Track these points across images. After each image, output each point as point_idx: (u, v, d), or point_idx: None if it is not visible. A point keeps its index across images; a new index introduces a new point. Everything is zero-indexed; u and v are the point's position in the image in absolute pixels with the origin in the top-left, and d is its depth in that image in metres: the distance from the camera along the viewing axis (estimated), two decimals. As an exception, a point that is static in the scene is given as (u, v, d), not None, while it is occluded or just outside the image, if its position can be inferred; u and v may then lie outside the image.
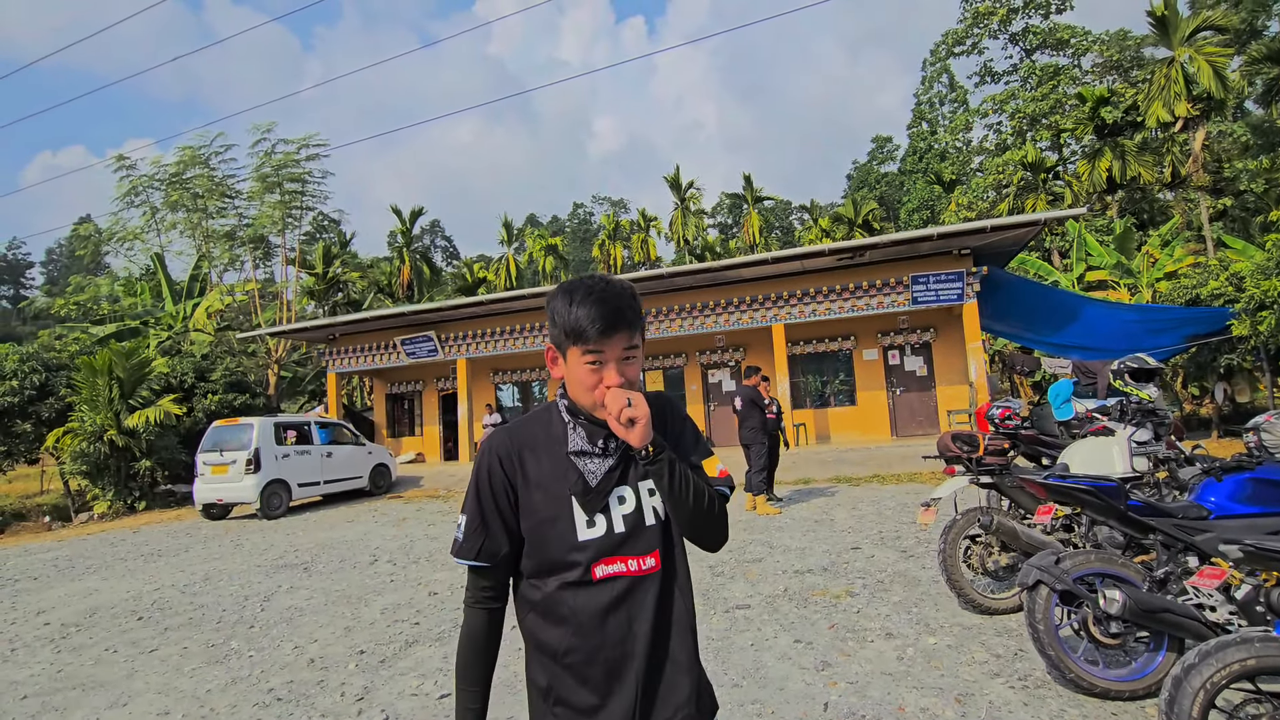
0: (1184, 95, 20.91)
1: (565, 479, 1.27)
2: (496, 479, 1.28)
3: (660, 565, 1.28)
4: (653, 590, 1.26)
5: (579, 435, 1.29)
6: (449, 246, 63.62)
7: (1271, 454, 3.17)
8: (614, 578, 1.24)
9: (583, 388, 1.25)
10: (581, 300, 1.21)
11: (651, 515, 1.29)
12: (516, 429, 1.34)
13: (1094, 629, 3.15)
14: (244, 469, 11.02)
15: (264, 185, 21.79)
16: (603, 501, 1.26)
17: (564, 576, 1.24)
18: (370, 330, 17.37)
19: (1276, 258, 10.29)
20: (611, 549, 1.25)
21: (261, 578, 7.01)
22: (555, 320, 1.25)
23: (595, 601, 1.23)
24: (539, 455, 1.29)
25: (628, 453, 1.29)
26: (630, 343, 1.24)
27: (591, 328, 1.20)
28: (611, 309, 1.21)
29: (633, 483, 1.30)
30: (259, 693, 3.99)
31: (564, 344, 1.25)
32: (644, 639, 1.24)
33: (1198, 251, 21.42)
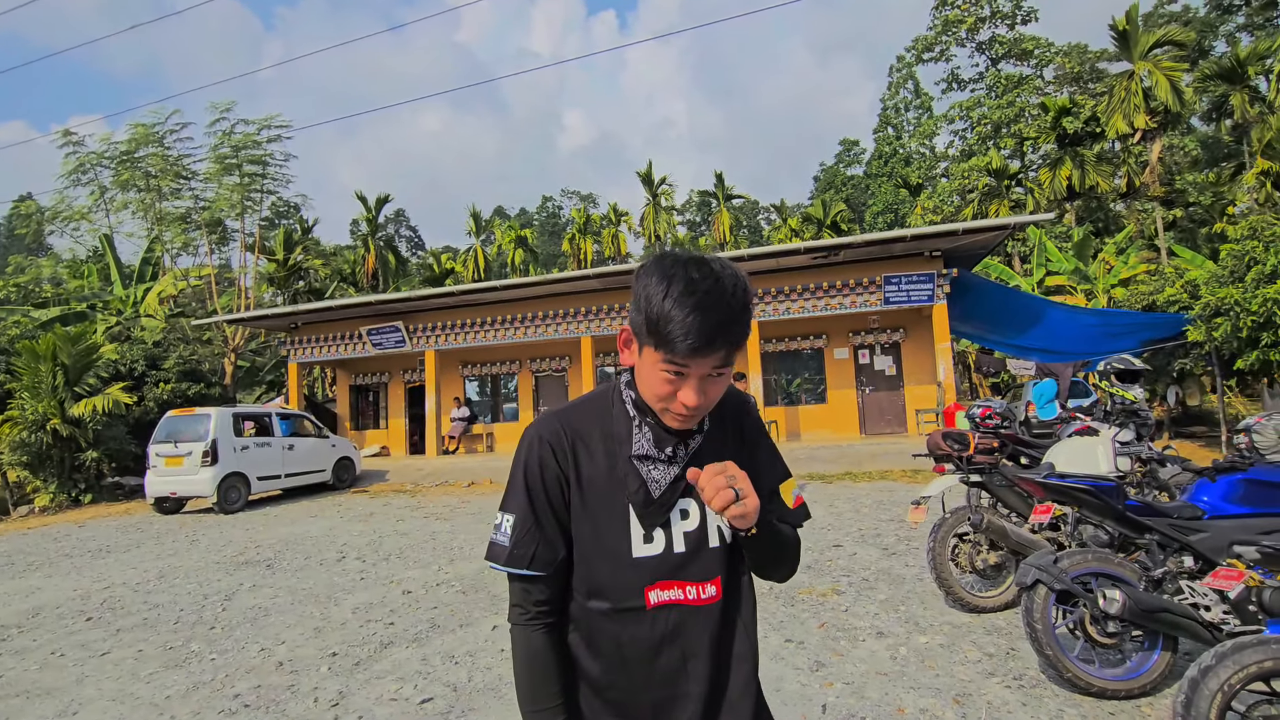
0: (1143, 107, 21.66)
1: (623, 485, 1.09)
2: (550, 473, 1.09)
3: (721, 595, 1.11)
4: (712, 623, 1.10)
5: (645, 437, 1.09)
6: (414, 236, 62.37)
7: (1262, 455, 3.21)
8: (669, 605, 1.08)
9: (652, 390, 1.05)
10: (679, 299, 0.96)
11: (716, 536, 1.12)
12: (569, 416, 1.14)
13: (1091, 628, 3.15)
14: (200, 461, 10.54)
15: (222, 167, 20.91)
16: (664, 515, 1.09)
17: (612, 601, 1.08)
18: (334, 319, 16.85)
19: (1231, 266, 10.67)
20: (669, 571, 1.08)
21: (221, 575, 6.68)
22: (640, 306, 1.01)
23: (646, 633, 1.07)
24: (594, 452, 1.11)
25: (697, 456, 1.11)
26: (724, 362, 1.01)
27: (681, 341, 0.96)
28: (713, 323, 0.95)
29: (698, 496, 1.10)
30: (224, 699, 3.76)
31: (643, 337, 1.02)
32: (699, 680, 1.08)
33: (1151, 260, 22.26)
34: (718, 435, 1.16)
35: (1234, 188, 25.66)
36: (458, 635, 4.53)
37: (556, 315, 15.34)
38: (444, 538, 7.94)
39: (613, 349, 16.53)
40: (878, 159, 49.95)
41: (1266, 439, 3.26)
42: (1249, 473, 3.21)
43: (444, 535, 8.10)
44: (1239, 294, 9.66)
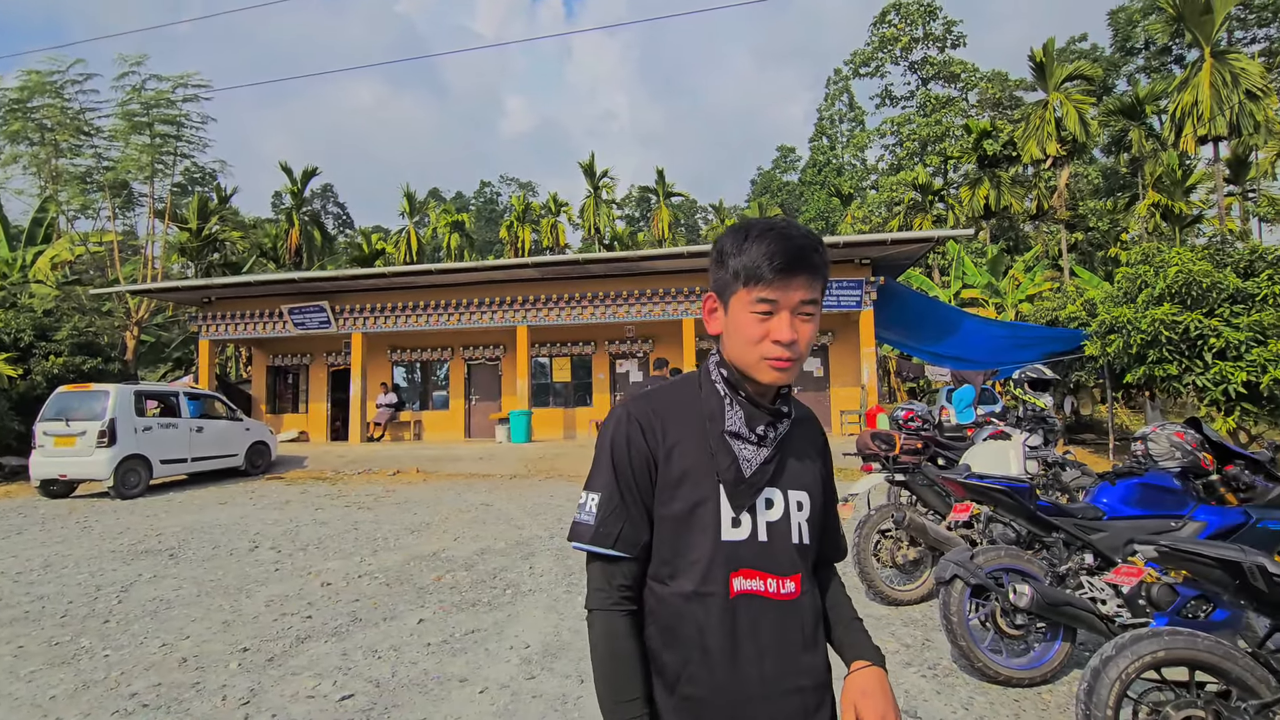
0: (1054, 136, 23.20)
1: (716, 462, 1.07)
2: (638, 452, 1.07)
3: (800, 593, 1.09)
4: (790, 620, 1.07)
5: (737, 414, 1.08)
6: (343, 214, 59.64)
7: (1156, 461, 3.50)
8: (752, 596, 1.05)
9: (745, 340, 1.05)
10: (759, 236, 1.03)
11: (796, 533, 1.10)
12: (660, 396, 1.13)
13: (1001, 621, 3.36)
14: (96, 441, 9.72)
15: (130, 125, 19.31)
16: (753, 497, 1.07)
17: (697, 583, 1.05)
18: (253, 295, 15.90)
19: (1125, 288, 11.59)
20: (753, 559, 1.06)
21: (117, 565, 6.20)
22: (723, 260, 1.06)
23: (728, 623, 1.04)
24: (685, 429, 1.09)
25: (781, 447, 1.11)
26: (810, 295, 1.04)
27: (768, 264, 1.01)
28: (795, 248, 1.02)
29: (783, 487, 1.11)
30: (118, 698, 3.48)
31: (730, 287, 1.06)
32: (776, 683, 1.04)
33: (1055, 278, 23.93)
34: (801, 434, 1.17)
35: (1128, 216, 27.92)
36: (381, 629, 4.37)
37: (493, 303, 15.03)
38: (367, 528, 7.65)
39: (549, 340, 16.36)
40: (812, 167, 51.49)
41: (1160, 447, 3.56)
42: (1144, 477, 3.50)
43: (367, 525, 7.80)
44: (1131, 314, 10.50)
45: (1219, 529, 3.23)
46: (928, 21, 36.49)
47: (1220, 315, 9.96)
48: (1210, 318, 9.98)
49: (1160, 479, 3.43)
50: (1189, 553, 2.34)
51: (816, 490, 1.15)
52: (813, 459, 1.17)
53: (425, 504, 9.22)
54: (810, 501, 1.13)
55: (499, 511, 8.50)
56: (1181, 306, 10.21)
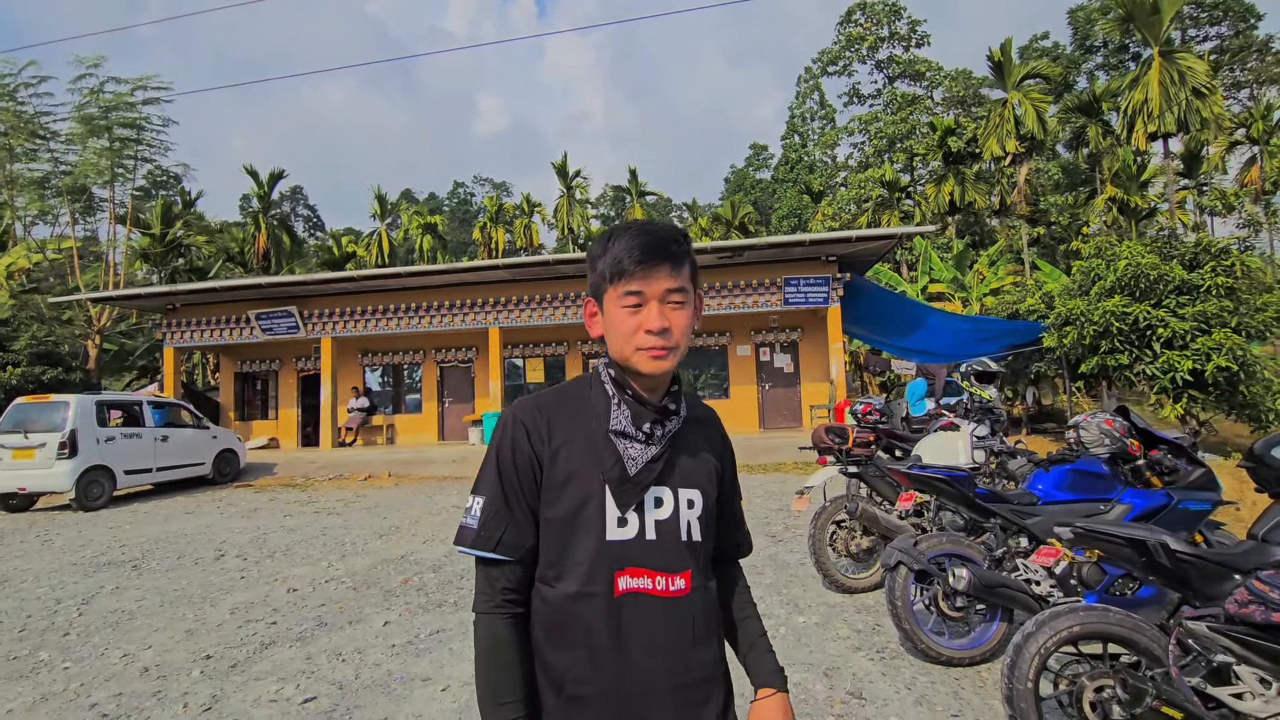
0: (1013, 133, 23.76)
1: (600, 462, 1.07)
2: (522, 454, 1.08)
3: (690, 590, 1.09)
4: (679, 618, 1.08)
5: (623, 414, 1.10)
6: (313, 216, 58.72)
7: (1087, 448, 3.68)
8: (639, 594, 1.06)
9: (621, 334, 1.08)
10: (621, 235, 1.09)
11: (686, 531, 1.11)
12: (548, 398, 1.15)
13: (942, 604, 3.52)
14: (56, 453, 9.53)
15: (89, 128, 18.89)
16: (639, 496, 1.08)
17: (581, 583, 1.05)
18: (219, 301, 15.64)
19: (1080, 281, 11.99)
20: (640, 558, 1.06)
21: (78, 578, 6.12)
22: (593, 264, 1.12)
23: (614, 622, 1.04)
24: (571, 429, 1.10)
25: (671, 445, 1.12)
26: (675, 283, 1.08)
27: (629, 258, 1.06)
28: (653, 240, 1.07)
29: (673, 486, 1.11)
30: (78, 709, 3.48)
31: (601, 287, 1.10)
32: (666, 679, 1.05)
33: (1017, 272, 24.53)
34: (696, 433, 1.18)
35: (1088, 210, 28.69)
36: (346, 632, 4.41)
37: (464, 305, 14.99)
38: (336, 533, 7.63)
39: (521, 340, 16.36)
40: (784, 165, 51.91)
41: (1090, 434, 3.74)
42: (1076, 464, 3.68)
43: (336, 530, 7.78)
44: (1084, 306, 10.86)
45: (1143, 510, 3.42)
46: (893, 21, 37.09)
47: (1167, 306, 10.36)
48: (1158, 309, 10.37)
49: (1090, 465, 3.62)
50: (1100, 533, 2.50)
51: (710, 488, 1.16)
52: (709, 458, 1.18)
53: (396, 507, 9.21)
54: (703, 499, 1.14)
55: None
56: (1131, 298, 10.59)
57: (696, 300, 1.14)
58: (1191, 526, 3.44)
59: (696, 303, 1.14)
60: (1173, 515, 3.37)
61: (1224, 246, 10.93)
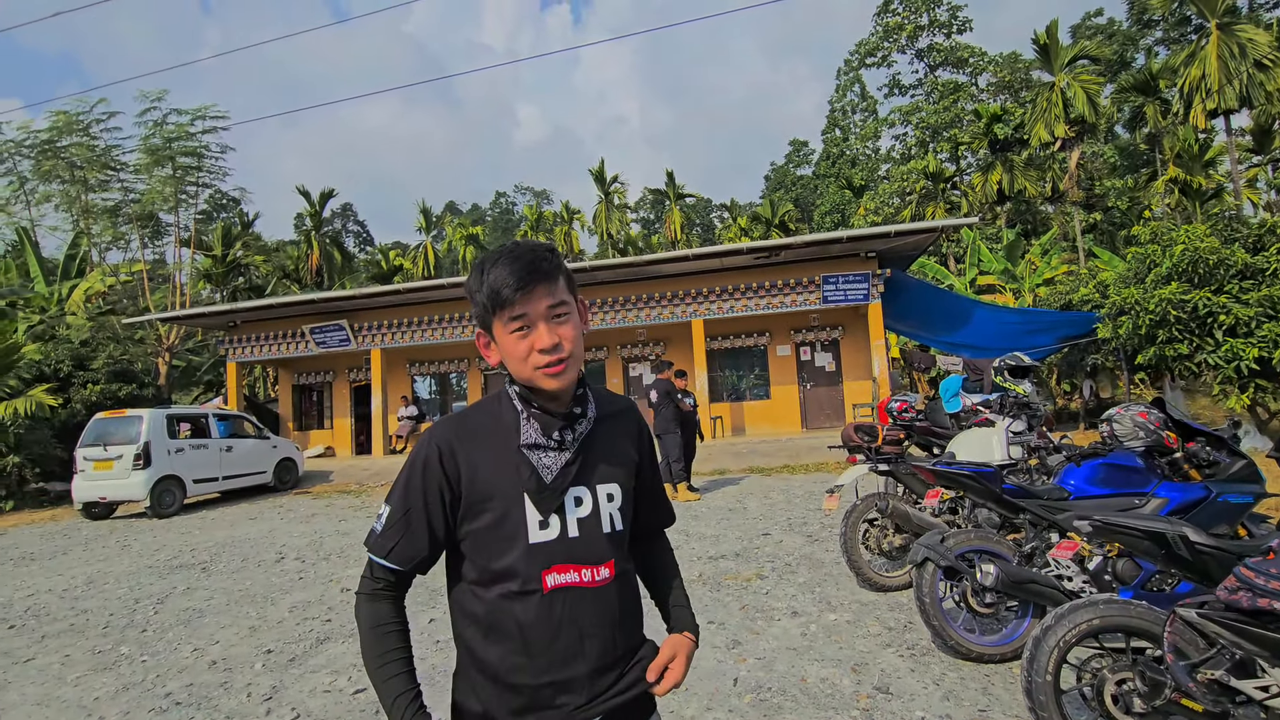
0: (1062, 118, 22.91)
1: (517, 474, 1.14)
2: (432, 474, 1.14)
3: (614, 577, 1.18)
4: (605, 604, 1.17)
5: (532, 427, 1.16)
6: (362, 231, 60.86)
7: (1121, 442, 3.62)
8: (566, 588, 1.13)
9: (517, 359, 1.14)
10: (492, 266, 1.13)
11: (608, 523, 1.19)
12: (463, 419, 1.21)
13: (972, 600, 3.50)
14: (132, 464, 10.23)
15: (154, 158, 20.11)
16: (558, 500, 1.15)
17: (511, 585, 1.12)
18: (276, 318, 16.46)
19: (1135, 269, 11.49)
20: (564, 555, 1.14)
21: (154, 579, 6.58)
22: (473, 297, 1.16)
23: (545, 615, 1.12)
24: (486, 448, 1.16)
25: (585, 446, 1.19)
26: (555, 299, 1.13)
27: (506, 286, 1.10)
28: (524, 264, 1.11)
29: (591, 484, 1.19)
30: (154, 698, 3.79)
31: (488, 319, 1.15)
32: (595, 658, 1.15)
33: (1071, 260, 23.61)
34: (609, 429, 1.25)
35: (1148, 193, 27.40)
36: (395, 629, 4.64)
37: (504, 313, 15.34)
38: (386, 536, 7.96)
39: (561, 347, 16.63)
40: (825, 160, 51.15)
41: (1124, 427, 3.67)
42: (1108, 458, 3.61)
43: (387, 534, 8.11)
44: (1139, 294, 10.43)
45: (1180, 504, 3.34)
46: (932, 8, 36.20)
47: (1229, 292, 9.85)
48: (1219, 295, 9.88)
49: (1124, 458, 3.55)
50: (1119, 525, 2.49)
51: (628, 480, 1.25)
52: (624, 449, 1.26)
53: (444, 512, 9.52)
54: (622, 491, 1.22)
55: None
56: (1190, 285, 10.12)
57: (580, 308, 1.21)
58: (1233, 520, 3.35)
59: (580, 310, 1.21)
60: (1212, 509, 3.29)
61: (1290, 227, 10.34)
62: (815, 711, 3.09)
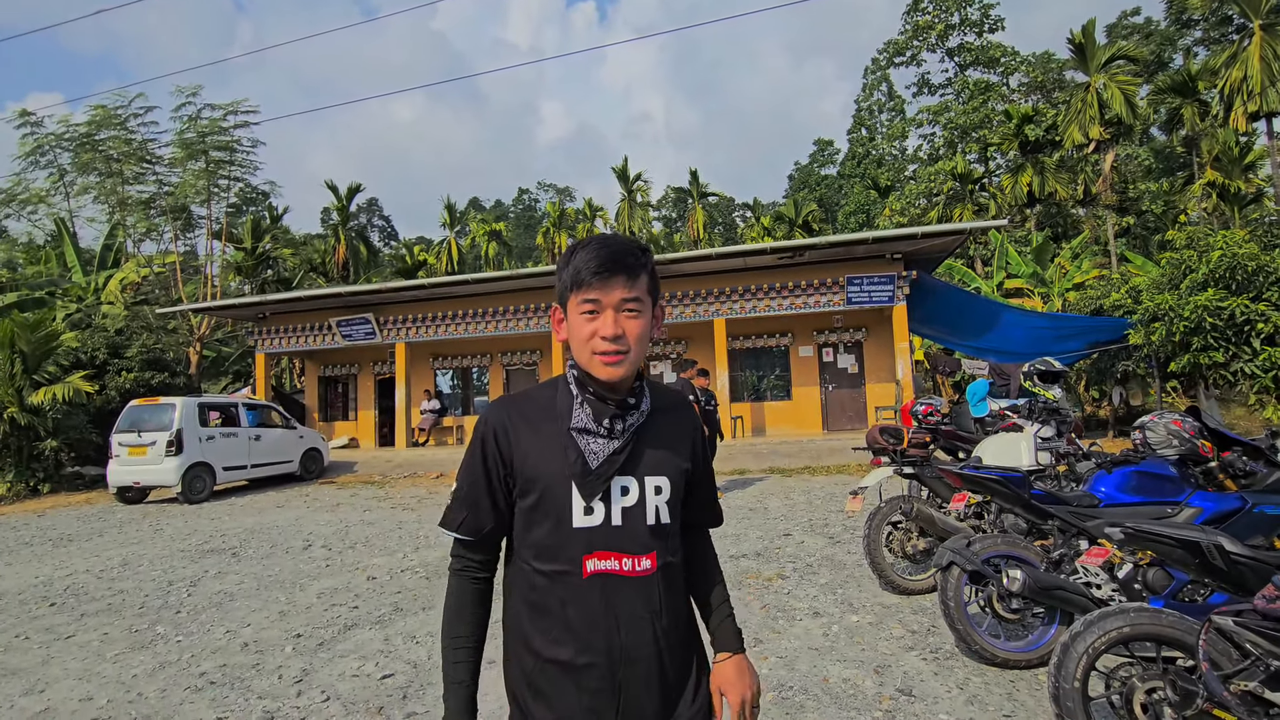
0: (1097, 119, 22.45)
1: (564, 457, 1.17)
2: (490, 453, 1.20)
3: (656, 568, 1.19)
4: (648, 596, 1.18)
5: (584, 411, 1.19)
6: (387, 226, 61.61)
7: (1154, 449, 3.56)
8: (604, 575, 1.16)
9: (579, 339, 1.18)
10: (583, 248, 1.18)
11: (653, 515, 1.20)
12: (518, 400, 1.26)
13: (997, 605, 3.48)
14: (165, 450, 10.50)
15: (188, 152, 20.57)
16: (602, 487, 1.17)
17: (554, 565, 1.16)
18: (304, 310, 16.75)
19: (1170, 274, 11.26)
20: (605, 542, 1.16)
21: (186, 563, 6.76)
22: (559, 274, 1.21)
23: (584, 599, 1.15)
24: (539, 429, 1.20)
25: (635, 438, 1.21)
26: (630, 294, 1.16)
27: (588, 269, 1.14)
28: (611, 253, 1.16)
29: (639, 475, 1.20)
30: (190, 676, 3.91)
31: (565, 297, 1.19)
32: (634, 650, 1.16)
33: (1103, 265, 23.14)
34: (664, 423, 1.26)
35: (1184, 197, 26.74)
36: (420, 618, 4.73)
37: (528, 309, 15.48)
38: (411, 527, 8.10)
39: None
40: (851, 159, 50.69)
41: (1157, 435, 3.62)
42: (1141, 465, 3.57)
43: (411, 525, 8.25)
44: (1174, 300, 10.22)
45: (1214, 514, 3.28)
46: (963, 6, 35.65)
47: (1269, 299, 9.62)
48: (1258, 302, 9.65)
49: (1156, 466, 3.50)
50: (1151, 533, 2.46)
51: (679, 474, 1.25)
52: (677, 444, 1.27)
53: (466, 504, 9.65)
54: (671, 485, 1.23)
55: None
56: (1226, 291, 9.90)
57: (656, 311, 1.24)
58: (1270, 531, 3.28)
59: (656, 313, 1.23)
60: (1247, 520, 3.23)
61: (1334, 233, 10.05)
62: (838, 711, 3.10)
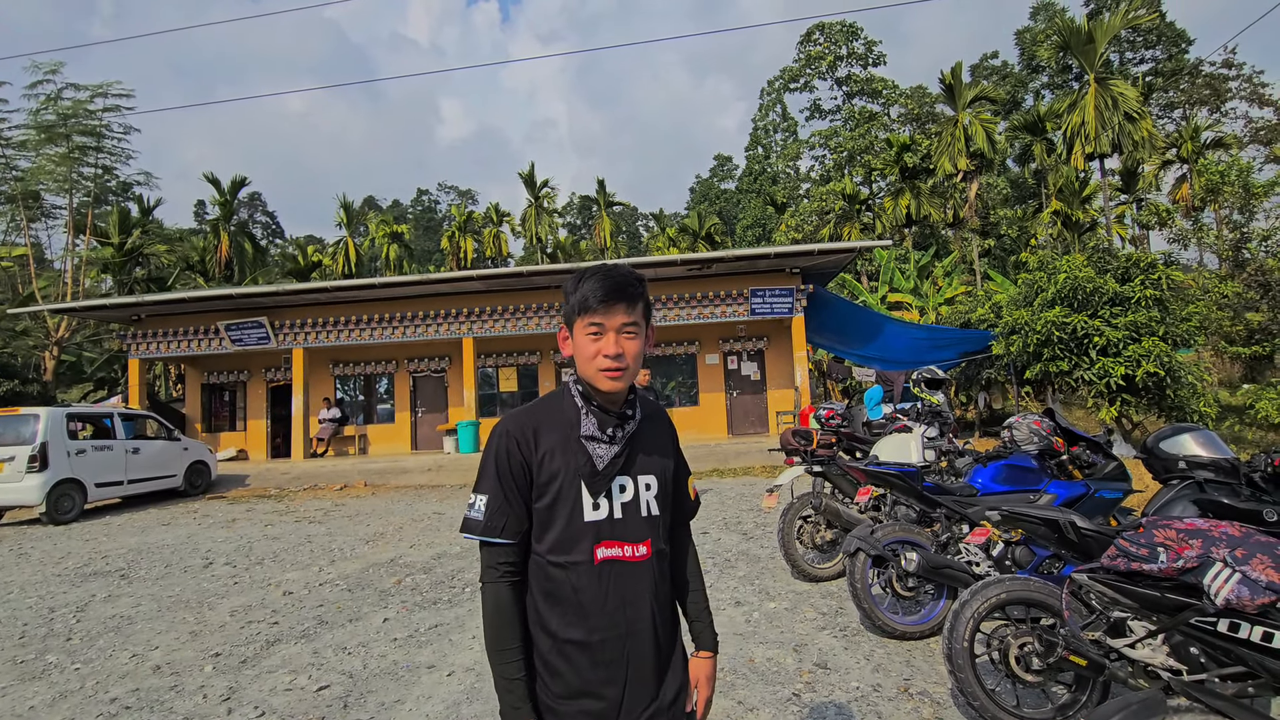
0: (964, 151, 24.93)
1: (575, 460, 1.34)
2: (515, 459, 1.34)
3: (650, 554, 1.38)
4: (645, 578, 1.36)
5: (591, 421, 1.37)
6: (272, 223, 57.66)
7: (1018, 445, 4.20)
8: (612, 561, 1.33)
9: (585, 357, 1.35)
10: (589, 277, 1.35)
11: (646, 508, 1.39)
12: (529, 412, 1.41)
13: (897, 585, 3.98)
14: (26, 466, 9.45)
15: (46, 135, 18.50)
16: (607, 486, 1.35)
17: (569, 556, 1.32)
18: (187, 312, 15.49)
19: (1025, 292, 12.80)
20: (610, 533, 1.34)
21: (66, 587, 6.21)
22: (567, 297, 1.37)
23: (596, 584, 1.32)
24: (551, 437, 1.36)
25: (630, 443, 1.40)
26: (630, 319, 1.35)
27: (593, 297, 1.32)
28: (614, 283, 1.34)
29: (633, 474, 1.39)
30: (99, 704, 3.69)
31: (572, 318, 1.36)
32: (636, 625, 1.34)
33: (969, 282, 25.67)
34: (650, 429, 1.46)
35: (1035, 223, 30.15)
36: (348, 629, 4.67)
37: (438, 315, 15.17)
38: (321, 540, 7.80)
39: (494, 350, 16.59)
40: (748, 176, 53.02)
41: (1021, 433, 4.26)
42: (1009, 459, 4.19)
43: (320, 538, 7.95)
44: (1028, 316, 11.64)
45: (1066, 499, 3.93)
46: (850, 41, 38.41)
47: (1102, 316, 11.18)
48: (1094, 319, 11.19)
49: (1021, 460, 4.13)
50: (1022, 514, 2.98)
51: (664, 472, 1.46)
52: (661, 447, 1.48)
53: (377, 515, 9.39)
54: (658, 482, 1.43)
55: (452, 519, 8.76)
56: (1070, 309, 11.40)
57: (648, 331, 1.43)
58: (1106, 512, 3.97)
59: (648, 333, 1.43)
60: (1091, 503, 3.90)
61: (1151, 261, 11.83)
62: (765, 687, 3.45)
